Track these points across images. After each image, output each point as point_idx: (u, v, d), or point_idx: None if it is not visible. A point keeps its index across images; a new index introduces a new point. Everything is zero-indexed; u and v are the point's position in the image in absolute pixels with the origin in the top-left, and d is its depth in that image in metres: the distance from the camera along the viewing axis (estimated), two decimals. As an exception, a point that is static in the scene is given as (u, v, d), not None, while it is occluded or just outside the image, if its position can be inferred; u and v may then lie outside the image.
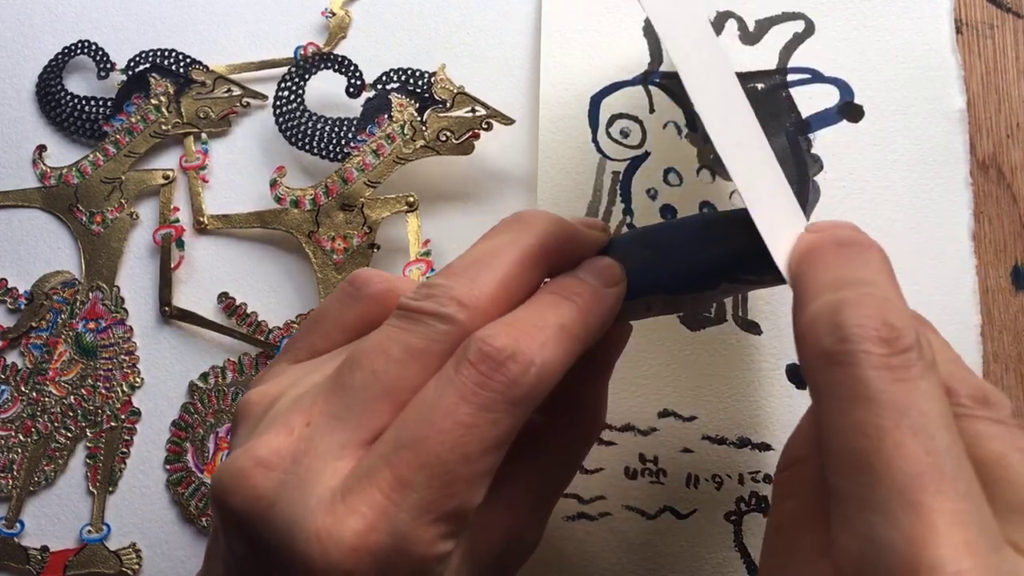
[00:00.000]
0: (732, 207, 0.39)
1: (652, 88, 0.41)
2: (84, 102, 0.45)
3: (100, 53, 0.46)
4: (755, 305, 0.38)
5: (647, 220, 0.40)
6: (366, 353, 0.24)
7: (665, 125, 0.41)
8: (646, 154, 0.40)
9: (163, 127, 0.44)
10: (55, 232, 0.44)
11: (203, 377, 0.41)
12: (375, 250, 0.41)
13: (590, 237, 0.27)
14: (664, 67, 0.41)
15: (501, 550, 0.25)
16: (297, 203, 0.42)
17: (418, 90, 0.42)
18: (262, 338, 0.41)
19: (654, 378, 0.38)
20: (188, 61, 0.45)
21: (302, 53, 0.44)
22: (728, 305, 0.38)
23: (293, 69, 0.44)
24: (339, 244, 0.41)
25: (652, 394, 0.38)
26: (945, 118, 0.39)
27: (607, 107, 0.41)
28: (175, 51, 0.45)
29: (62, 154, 0.45)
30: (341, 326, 0.27)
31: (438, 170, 0.42)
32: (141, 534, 0.41)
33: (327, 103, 0.44)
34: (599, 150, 0.40)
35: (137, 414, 0.42)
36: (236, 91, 0.44)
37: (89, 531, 0.41)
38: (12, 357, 0.43)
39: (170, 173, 0.44)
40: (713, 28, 0.41)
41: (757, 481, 0.37)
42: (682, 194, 0.40)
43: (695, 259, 0.26)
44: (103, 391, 0.42)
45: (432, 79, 0.42)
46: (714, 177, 0.40)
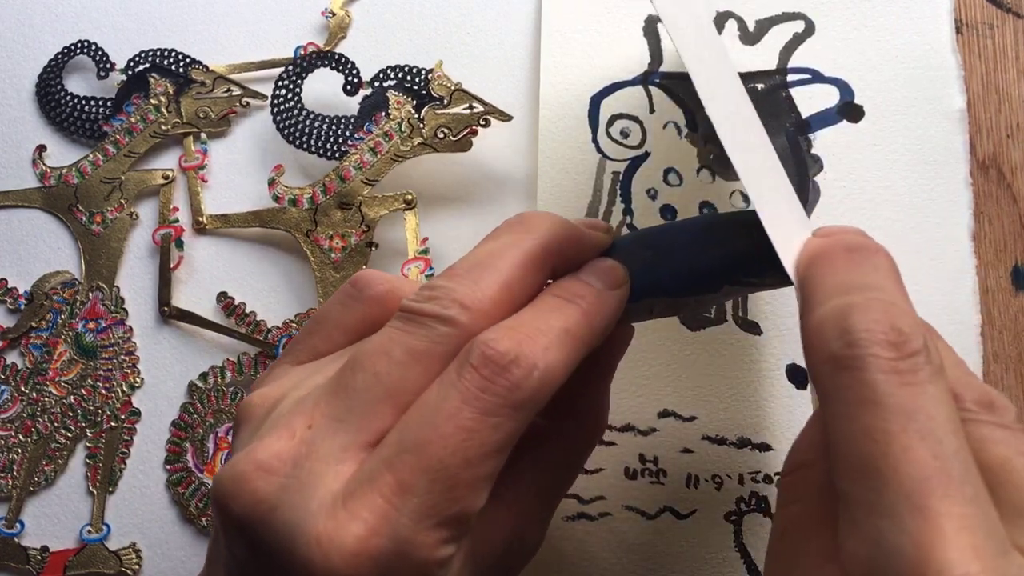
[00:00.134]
0: (732, 207, 0.39)
1: (652, 88, 0.41)
2: (84, 102, 0.45)
3: (100, 53, 0.46)
4: (755, 305, 0.38)
5: (647, 220, 0.40)
6: (368, 355, 0.24)
7: (665, 125, 0.40)
8: (646, 154, 0.40)
9: (163, 127, 0.44)
10: (55, 232, 0.44)
11: (203, 377, 0.41)
12: (373, 248, 0.41)
13: (593, 239, 0.27)
14: (664, 67, 0.41)
15: (503, 552, 0.25)
16: (295, 202, 0.42)
17: (415, 87, 0.42)
18: (261, 338, 0.41)
19: (654, 378, 0.38)
20: (188, 61, 0.45)
21: (302, 53, 0.44)
22: (728, 305, 0.38)
23: (290, 68, 0.43)
24: (337, 243, 0.41)
25: (652, 394, 0.38)
26: (945, 118, 0.39)
27: (607, 107, 0.41)
28: (175, 51, 0.45)
29: (62, 154, 0.45)
30: (343, 328, 0.27)
31: (436, 169, 0.42)
32: (141, 534, 0.41)
33: (324, 101, 0.44)
34: (599, 150, 0.40)
35: (137, 414, 0.42)
36: (236, 91, 0.44)
37: (89, 531, 0.41)
38: (12, 357, 0.43)
39: (170, 173, 0.44)
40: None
41: (757, 481, 0.37)
42: (682, 194, 0.40)
43: (697, 261, 0.26)
44: (103, 391, 0.42)
45: (429, 76, 0.42)
46: (714, 177, 0.40)
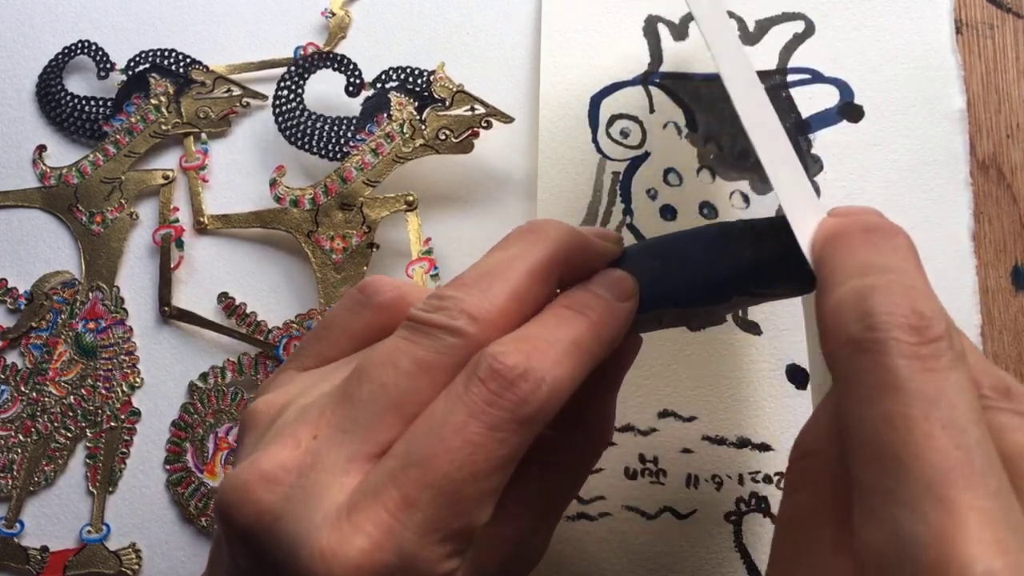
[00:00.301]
0: (732, 207, 0.39)
1: (652, 88, 0.41)
2: (84, 102, 0.45)
3: (100, 53, 0.46)
4: (755, 306, 0.38)
5: (647, 220, 0.40)
6: (375, 365, 0.23)
7: (665, 125, 0.41)
8: (646, 154, 0.40)
9: (163, 127, 0.44)
10: (55, 232, 0.44)
11: (203, 377, 0.41)
12: (374, 249, 0.41)
13: (602, 248, 0.27)
14: (664, 67, 0.41)
15: (506, 562, 0.25)
16: (296, 203, 0.42)
17: (417, 89, 0.42)
18: (262, 338, 0.41)
19: (654, 378, 0.38)
20: (188, 61, 0.45)
21: (302, 53, 0.44)
22: (728, 305, 0.38)
23: (292, 68, 0.44)
24: (338, 244, 0.41)
25: (652, 394, 0.38)
26: (945, 118, 0.39)
27: (607, 107, 0.41)
28: (175, 51, 0.45)
29: (62, 154, 0.45)
30: (350, 334, 0.27)
31: (438, 170, 0.42)
32: (141, 534, 0.41)
33: (326, 102, 0.44)
34: (599, 150, 0.40)
35: (137, 414, 0.42)
36: (236, 91, 0.44)
37: (89, 531, 0.40)
38: (12, 357, 0.43)
39: (170, 173, 0.44)
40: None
41: (757, 481, 0.37)
42: (682, 194, 0.40)
43: (707, 272, 0.26)
44: (103, 391, 0.42)
45: (431, 78, 0.42)
46: (714, 177, 0.40)
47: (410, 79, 0.42)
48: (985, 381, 0.21)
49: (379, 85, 0.42)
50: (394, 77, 0.42)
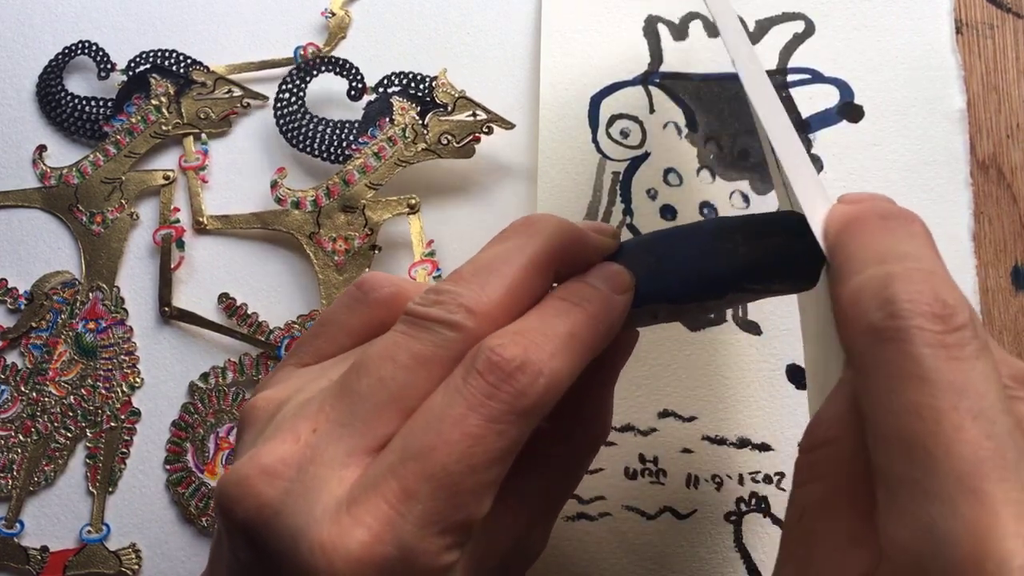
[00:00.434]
0: (732, 207, 0.39)
1: (652, 88, 0.41)
2: (84, 102, 0.45)
3: (100, 53, 0.46)
4: (755, 305, 0.38)
5: (647, 220, 0.40)
6: (373, 359, 0.23)
7: (665, 125, 0.41)
8: (646, 154, 0.40)
9: (163, 127, 0.44)
10: (55, 232, 0.44)
11: (203, 377, 0.41)
12: (376, 252, 0.41)
13: (599, 243, 0.27)
14: (664, 67, 0.41)
15: (506, 557, 0.25)
16: (298, 204, 0.42)
17: (419, 94, 0.42)
18: (263, 338, 0.41)
19: (654, 378, 0.38)
20: (188, 61, 0.45)
21: (302, 53, 0.44)
22: (728, 305, 0.38)
23: (294, 71, 0.44)
24: (340, 245, 0.41)
25: (652, 394, 0.38)
26: (945, 118, 0.39)
27: (607, 107, 0.41)
28: (175, 51, 0.45)
29: (62, 154, 0.45)
30: (348, 330, 0.27)
31: (439, 172, 0.42)
32: (141, 534, 0.41)
33: (328, 105, 0.44)
34: (599, 150, 0.41)
35: (137, 414, 0.42)
36: (236, 92, 0.44)
37: (89, 531, 0.40)
38: (12, 357, 0.43)
39: (170, 174, 0.44)
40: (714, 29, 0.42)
41: (757, 481, 0.37)
42: (682, 194, 0.40)
43: (703, 267, 0.26)
44: (103, 391, 0.42)
45: (433, 83, 0.42)
46: (714, 177, 0.40)
47: (412, 84, 0.42)
48: (1004, 370, 0.21)
49: (381, 90, 0.43)
50: (396, 82, 0.42)
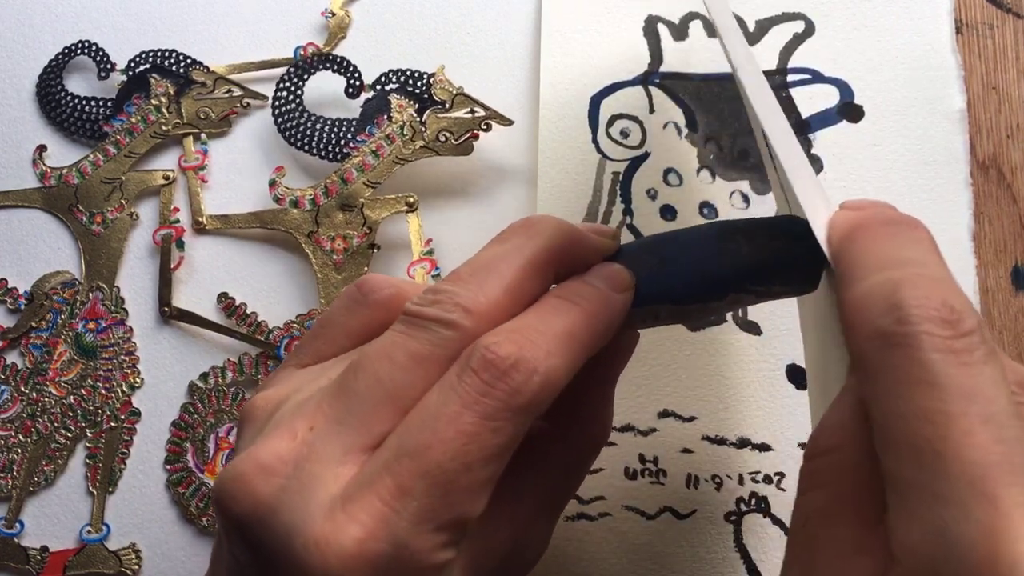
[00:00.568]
0: (732, 208, 0.39)
1: (652, 88, 0.41)
2: (84, 102, 0.45)
3: (100, 53, 0.46)
4: (755, 306, 0.38)
5: (647, 220, 0.40)
6: (370, 358, 0.24)
7: (665, 125, 0.41)
8: (646, 154, 0.40)
9: (163, 127, 0.44)
10: (55, 232, 0.44)
11: (203, 377, 0.41)
12: (375, 250, 0.41)
13: (598, 244, 0.27)
14: (664, 67, 0.41)
15: (505, 559, 0.25)
16: (296, 203, 0.42)
17: (417, 91, 0.42)
18: (262, 338, 0.41)
19: (654, 378, 0.38)
20: (188, 61, 0.45)
21: (302, 53, 0.44)
22: (728, 305, 0.38)
23: (292, 70, 0.44)
24: (339, 244, 0.41)
25: (652, 394, 0.38)
26: (945, 118, 0.39)
27: (607, 107, 0.41)
28: (175, 51, 0.45)
29: (62, 154, 0.45)
30: (347, 331, 0.27)
31: (438, 170, 0.42)
32: (141, 534, 0.41)
33: (326, 103, 0.44)
34: (599, 150, 0.40)
35: (137, 414, 0.42)
36: (236, 92, 0.44)
37: (89, 531, 0.41)
38: (12, 357, 0.43)
39: (170, 174, 0.44)
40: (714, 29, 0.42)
41: (757, 481, 0.37)
42: (682, 194, 0.40)
43: (704, 269, 0.26)
44: (103, 391, 0.42)
45: (431, 80, 0.42)
46: (714, 177, 0.40)
47: (410, 81, 0.42)
48: (1010, 376, 0.21)
49: (379, 87, 0.42)
50: (394, 79, 0.42)
